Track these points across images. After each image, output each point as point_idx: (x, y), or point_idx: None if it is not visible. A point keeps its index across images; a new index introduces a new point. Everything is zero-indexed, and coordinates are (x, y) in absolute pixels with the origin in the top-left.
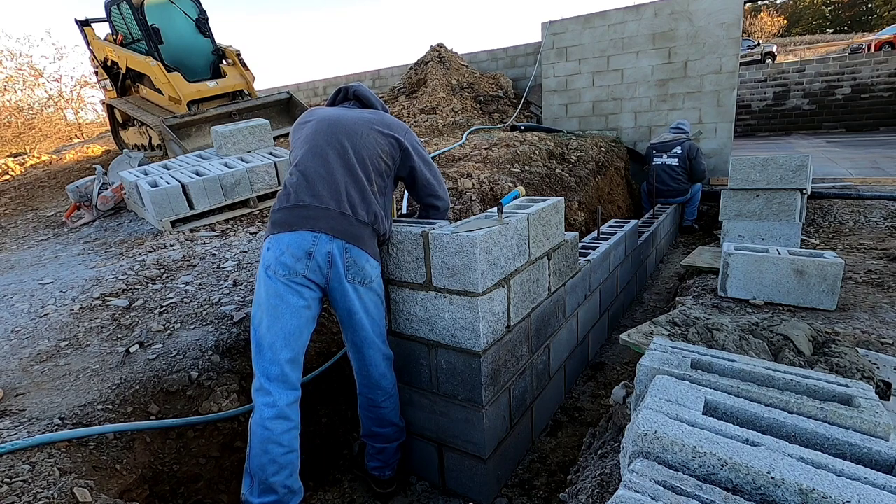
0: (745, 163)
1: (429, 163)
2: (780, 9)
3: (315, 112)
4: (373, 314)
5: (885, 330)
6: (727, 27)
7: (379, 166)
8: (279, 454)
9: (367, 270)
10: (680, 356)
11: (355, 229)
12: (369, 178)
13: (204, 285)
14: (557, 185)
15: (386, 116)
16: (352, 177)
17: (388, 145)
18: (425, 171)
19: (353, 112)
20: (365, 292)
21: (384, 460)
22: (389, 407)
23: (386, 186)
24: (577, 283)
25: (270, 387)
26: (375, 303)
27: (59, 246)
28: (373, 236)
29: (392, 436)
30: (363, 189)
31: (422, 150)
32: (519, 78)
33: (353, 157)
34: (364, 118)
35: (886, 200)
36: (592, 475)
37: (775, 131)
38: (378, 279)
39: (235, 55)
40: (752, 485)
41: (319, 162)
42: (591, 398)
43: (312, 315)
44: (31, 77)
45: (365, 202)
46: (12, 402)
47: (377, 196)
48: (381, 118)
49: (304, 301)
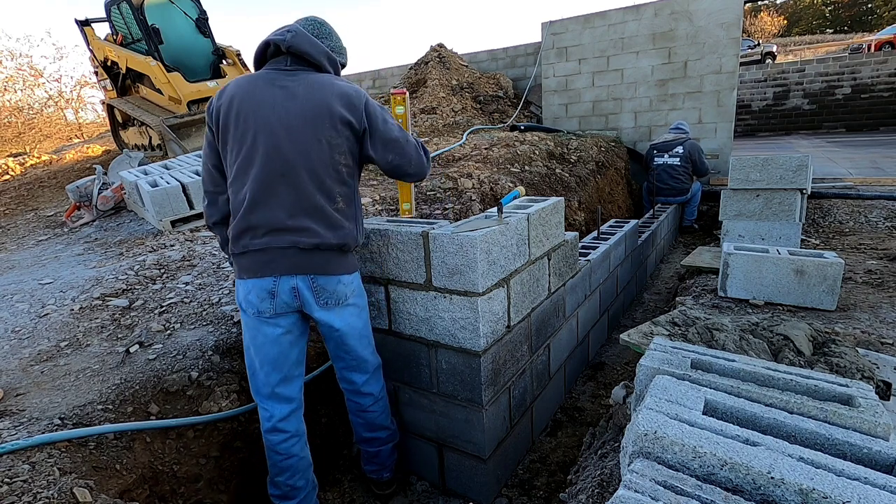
0: (745, 163)
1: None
2: (780, 9)
3: (239, 95)
4: (356, 327)
5: (885, 330)
6: (727, 27)
7: (340, 174)
8: (277, 460)
9: (339, 290)
10: (680, 356)
11: (320, 259)
12: (330, 196)
13: (204, 285)
14: (557, 185)
15: (337, 88)
16: (308, 202)
17: (345, 141)
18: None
19: (290, 94)
20: (343, 310)
21: (380, 463)
22: (378, 411)
23: (352, 190)
24: (577, 283)
25: (265, 403)
26: (357, 315)
27: (59, 246)
28: (343, 254)
29: (385, 438)
30: (323, 214)
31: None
32: (519, 78)
33: (306, 176)
34: (309, 105)
35: (886, 200)
36: (592, 475)
37: (775, 131)
38: (356, 291)
39: (235, 55)
40: (752, 485)
41: (268, 193)
42: (591, 398)
43: (296, 336)
44: (31, 77)
45: (328, 228)
46: (12, 402)
47: (343, 211)
48: (332, 95)
49: (281, 329)
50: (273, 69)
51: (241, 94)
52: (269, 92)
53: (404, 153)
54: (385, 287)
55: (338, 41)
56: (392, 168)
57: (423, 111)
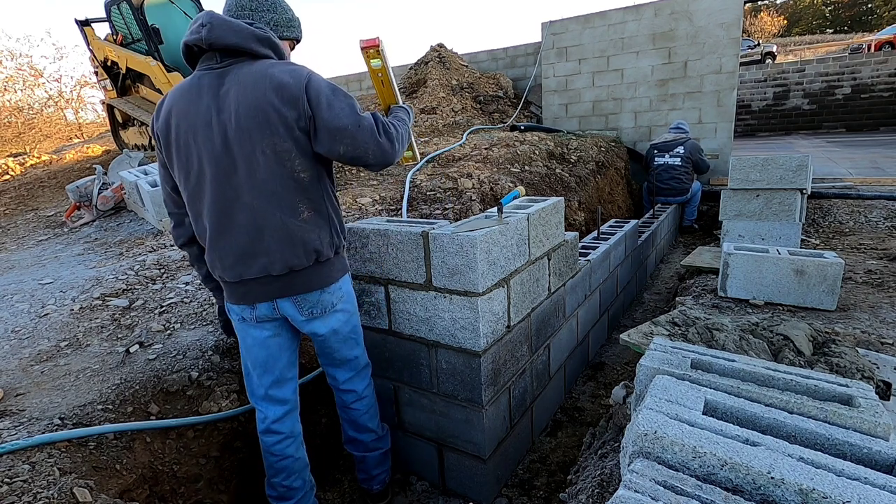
0: (745, 163)
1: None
2: (780, 9)
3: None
4: (342, 332)
5: (885, 330)
6: (727, 27)
7: (299, 182)
8: (273, 461)
9: (324, 300)
10: (680, 356)
11: (296, 279)
12: (293, 209)
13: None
14: (557, 185)
15: (270, 80)
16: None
17: (293, 143)
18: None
19: (225, 103)
20: (328, 318)
21: (366, 471)
22: (362, 410)
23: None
24: (577, 283)
25: (259, 405)
26: (345, 321)
27: (59, 246)
28: (321, 265)
29: (370, 444)
30: (289, 234)
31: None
32: (519, 78)
33: (262, 197)
34: (244, 113)
35: (886, 200)
36: (592, 475)
37: (775, 131)
38: (344, 297)
39: None
40: (752, 485)
41: (225, 224)
42: (591, 398)
43: (285, 339)
44: (31, 77)
45: (297, 246)
46: (12, 402)
47: (311, 220)
48: (267, 90)
49: (269, 332)
50: (205, 69)
51: (177, 110)
52: (203, 105)
53: (357, 142)
54: (385, 287)
55: (283, 12)
56: (347, 160)
57: (424, 111)
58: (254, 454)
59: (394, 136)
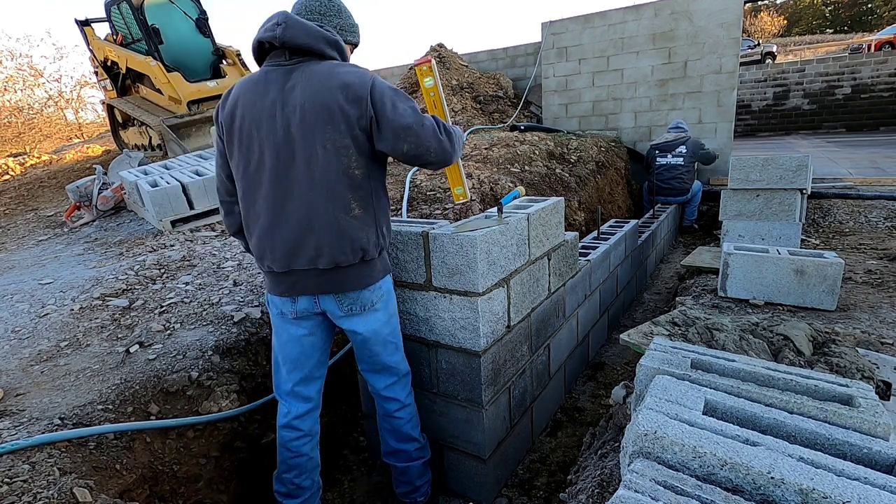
0: (745, 163)
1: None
2: (780, 9)
3: (241, 104)
4: (381, 333)
5: (885, 330)
6: (727, 27)
7: (352, 179)
8: (288, 457)
9: (364, 297)
10: (680, 356)
11: (342, 276)
12: (345, 205)
13: (204, 285)
14: (557, 185)
15: (338, 79)
16: (322, 219)
17: (352, 140)
18: (400, 145)
19: (291, 97)
20: (368, 316)
21: (410, 482)
22: (405, 418)
23: (370, 191)
24: (577, 283)
25: (284, 399)
26: (384, 322)
27: (59, 246)
28: (365, 264)
29: (413, 453)
30: (339, 228)
31: (391, 113)
32: (519, 78)
33: (317, 190)
34: (309, 108)
35: (886, 200)
36: (592, 475)
37: (775, 131)
38: (384, 296)
39: (235, 55)
40: (752, 485)
41: (279, 214)
42: (591, 398)
43: (319, 339)
44: (31, 77)
45: (346, 241)
46: (12, 402)
47: (361, 217)
48: (334, 88)
49: (305, 330)
50: (273, 65)
51: (243, 101)
52: (269, 98)
53: (420, 140)
54: None
55: (347, 18)
56: (409, 158)
57: (423, 111)
58: (254, 454)
59: (453, 137)
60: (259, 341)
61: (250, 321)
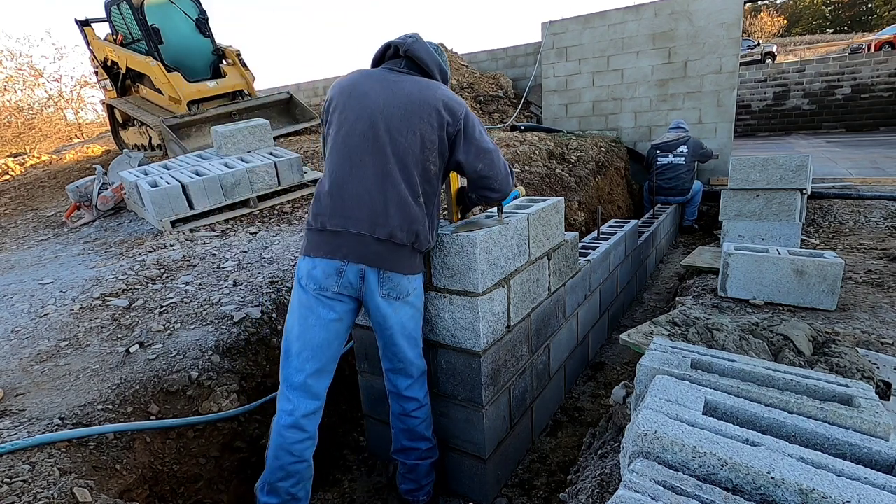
0: (745, 163)
1: (483, 150)
2: (780, 9)
3: (350, 83)
4: (407, 327)
5: (885, 330)
6: (727, 27)
7: (427, 171)
8: (288, 462)
9: (402, 285)
10: (680, 356)
11: (391, 254)
12: (414, 189)
13: (204, 285)
14: (557, 185)
15: (442, 92)
16: (393, 189)
17: (439, 141)
18: (476, 163)
19: (398, 87)
20: (400, 306)
21: (416, 480)
22: (421, 418)
23: (435, 192)
24: (577, 283)
25: (291, 394)
26: (412, 315)
27: (59, 246)
28: (413, 254)
29: (424, 452)
30: (405, 204)
31: (478, 135)
32: (519, 78)
33: (395, 164)
34: (413, 99)
35: (886, 200)
36: (592, 475)
37: (775, 131)
38: (416, 291)
39: (235, 55)
40: (752, 485)
41: (354, 173)
42: (591, 398)
43: (344, 327)
44: (31, 77)
45: (406, 220)
46: (12, 402)
47: (423, 208)
48: (437, 96)
49: (335, 314)
50: (388, 68)
51: (354, 82)
52: (379, 83)
53: (493, 165)
54: None
55: (447, 65)
56: (479, 178)
57: None
58: (254, 454)
59: (513, 177)
60: (259, 341)
61: (250, 321)
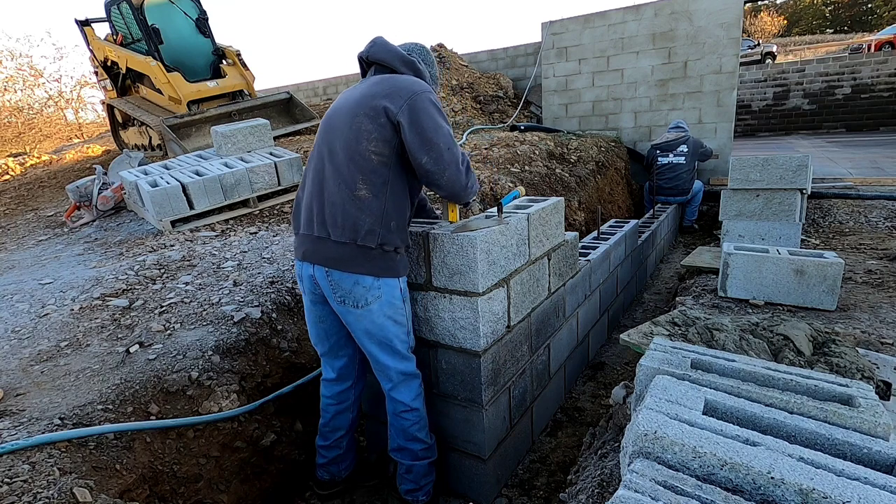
0: (745, 163)
1: (430, 142)
2: (780, 9)
3: (333, 105)
4: (375, 334)
5: (885, 330)
6: (727, 27)
7: (367, 162)
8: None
9: (356, 293)
10: (680, 356)
11: (332, 251)
12: (353, 183)
13: (204, 285)
14: (557, 185)
15: (392, 81)
16: (337, 187)
17: (378, 128)
18: (420, 154)
19: (358, 92)
20: (362, 315)
21: (415, 481)
22: (412, 420)
23: (385, 181)
24: (577, 283)
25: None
26: (379, 324)
27: (59, 246)
28: (361, 253)
29: (419, 453)
30: (345, 200)
31: (426, 124)
32: (519, 78)
33: (340, 161)
34: (362, 97)
35: (886, 200)
36: (592, 475)
37: (775, 131)
38: (383, 298)
39: (235, 55)
40: (752, 485)
41: (313, 177)
42: (591, 398)
43: (327, 327)
44: (31, 77)
45: (345, 216)
46: (12, 402)
47: (365, 200)
48: (383, 88)
49: (317, 315)
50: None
51: (335, 103)
52: (345, 96)
53: (441, 161)
54: None
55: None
56: (425, 172)
57: None
58: (254, 454)
59: (473, 177)
60: (259, 341)
61: (250, 321)
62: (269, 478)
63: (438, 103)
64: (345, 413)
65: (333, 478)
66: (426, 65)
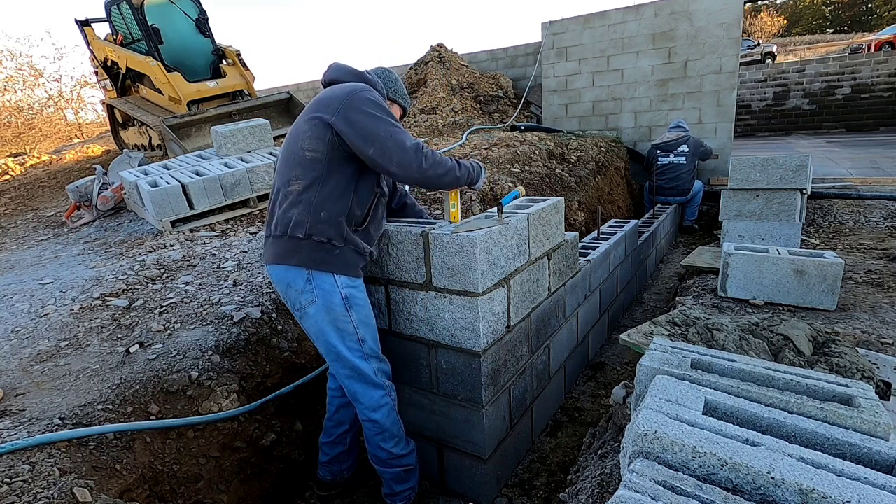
0: (745, 163)
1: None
2: (780, 9)
3: None
4: (319, 341)
5: (885, 330)
6: (727, 27)
7: (301, 158)
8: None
9: (290, 296)
10: (680, 356)
11: (273, 247)
12: (287, 180)
13: (204, 285)
14: (557, 185)
15: (331, 91)
16: (277, 187)
17: (311, 128)
18: (366, 147)
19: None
20: (302, 318)
21: (388, 485)
22: (373, 430)
23: (319, 176)
24: (577, 283)
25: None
26: (318, 330)
27: (59, 246)
28: (292, 245)
29: (387, 461)
30: (282, 197)
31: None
32: (519, 78)
33: (281, 164)
34: (306, 110)
35: (886, 200)
36: (592, 475)
37: (775, 131)
38: (315, 304)
39: (235, 55)
40: (752, 485)
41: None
42: (591, 398)
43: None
44: (31, 77)
45: (282, 212)
46: (12, 402)
47: (296, 194)
48: (323, 97)
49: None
50: None
51: None
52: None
53: (385, 147)
54: (385, 287)
55: (401, 88)
56: (375, 164)
57: (423, 111)
58: (254, 454)
59: (436, 158)
60: (259, 341)
61: (250, 321)
62: (269, 478)
63: (378, 99)
64: (348, 406)
65: (335, 478)
66: (385, 80)
